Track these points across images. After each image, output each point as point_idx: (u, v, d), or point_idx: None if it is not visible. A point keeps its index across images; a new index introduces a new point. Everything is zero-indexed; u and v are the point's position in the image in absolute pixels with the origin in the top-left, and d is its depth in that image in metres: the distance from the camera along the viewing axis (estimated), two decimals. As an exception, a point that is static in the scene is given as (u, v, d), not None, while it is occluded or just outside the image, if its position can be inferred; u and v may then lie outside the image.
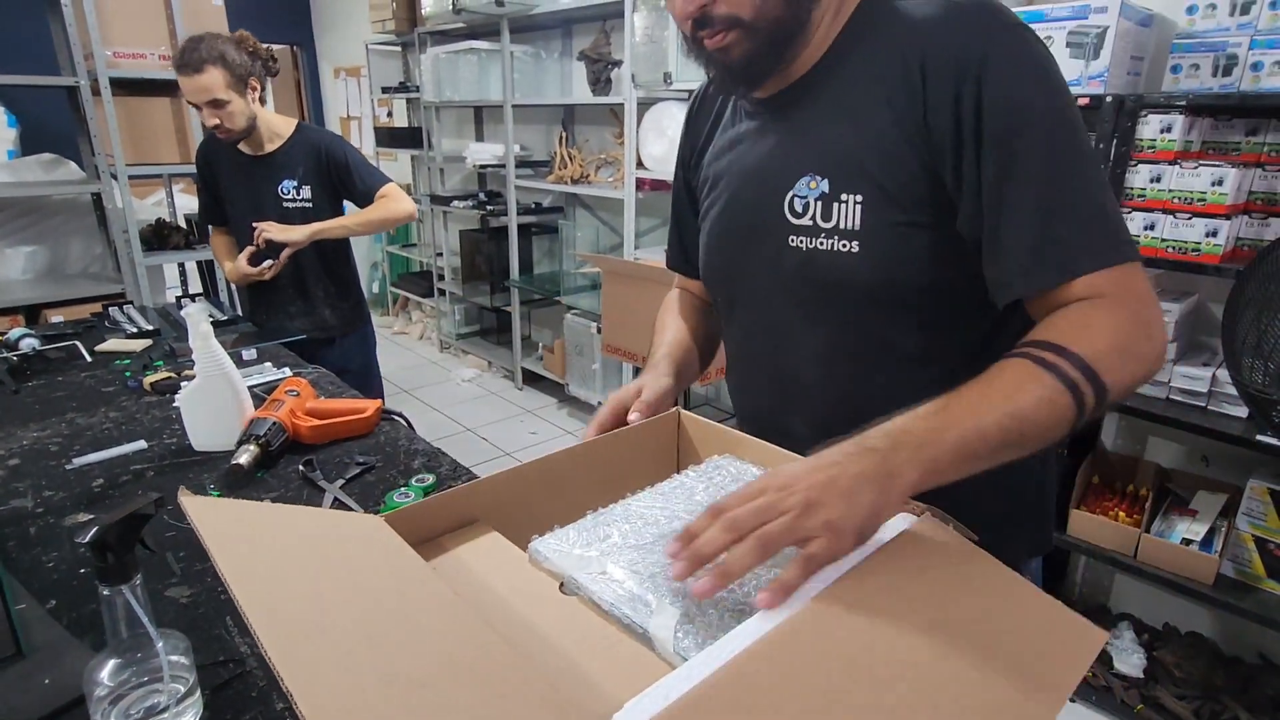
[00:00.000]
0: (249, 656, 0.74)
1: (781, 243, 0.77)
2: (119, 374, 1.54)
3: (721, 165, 0.86)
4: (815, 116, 0.75)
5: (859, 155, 0.71)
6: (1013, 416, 0.57)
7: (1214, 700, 1.74)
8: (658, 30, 2.78)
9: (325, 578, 0.45)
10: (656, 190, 3.14)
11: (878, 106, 0.70)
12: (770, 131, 0.79)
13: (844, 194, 0.71)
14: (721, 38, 0.70)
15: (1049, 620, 0.49)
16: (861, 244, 0.71)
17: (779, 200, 0.77)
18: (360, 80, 5.39)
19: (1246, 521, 1.66)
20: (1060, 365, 0.59)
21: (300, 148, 1.97)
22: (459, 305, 4.69)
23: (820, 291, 0.76)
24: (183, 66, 1.76)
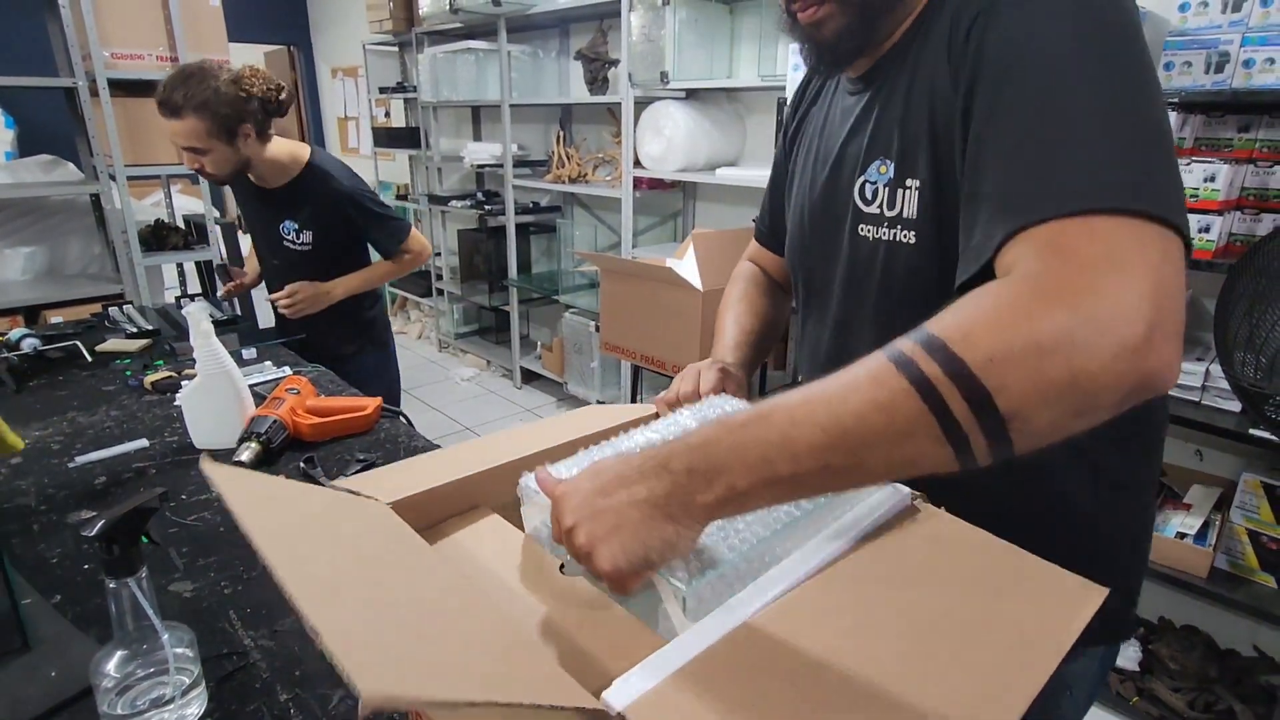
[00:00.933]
0: (252, 649, 0.75)
1: (852, 231, 0.74)
2: (119, 373, 1.55)
3: (813, 141, 0.83)
4: (889, 97, 0.70)
5: (920, 136, 0.66)
6: (828, 430, 0.42)
7: (1208, 692, 1.75)
8: (654, 29, 2.79)
9: (343, 545, 0.46)
10: (654, 189, 3.15)
11: (932, 82, 0.64)
12: (854, 111, 0.75)
13: (907, 179, 0.67)
14: (814, 11, 0.67)
15: (1048, 581, 0.51)
16: (917, 234, 0.67)
17: (851, 185, 0.73)
18: (358, 80, 5.40)
19: (1240, 515, 1.67)
20: (913, 356, 0.42)
21: (309, 192, 1.80)
22: (457, 304, 4.70)
23: (886, 286, 0.71)
24: (161, 105, 1.60)
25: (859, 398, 0.42)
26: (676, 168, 2.84)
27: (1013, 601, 0.49)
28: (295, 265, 1.85)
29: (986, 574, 0.51)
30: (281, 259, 1.86)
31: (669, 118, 2.80)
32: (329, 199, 1.80)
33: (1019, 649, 0.44)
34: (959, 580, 0.51)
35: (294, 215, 1.82)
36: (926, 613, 0.47)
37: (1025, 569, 0.52)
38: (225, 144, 1.66)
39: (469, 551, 0.59)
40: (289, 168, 1.79)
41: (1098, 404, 0.40)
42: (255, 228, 1.95)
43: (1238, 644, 1.87)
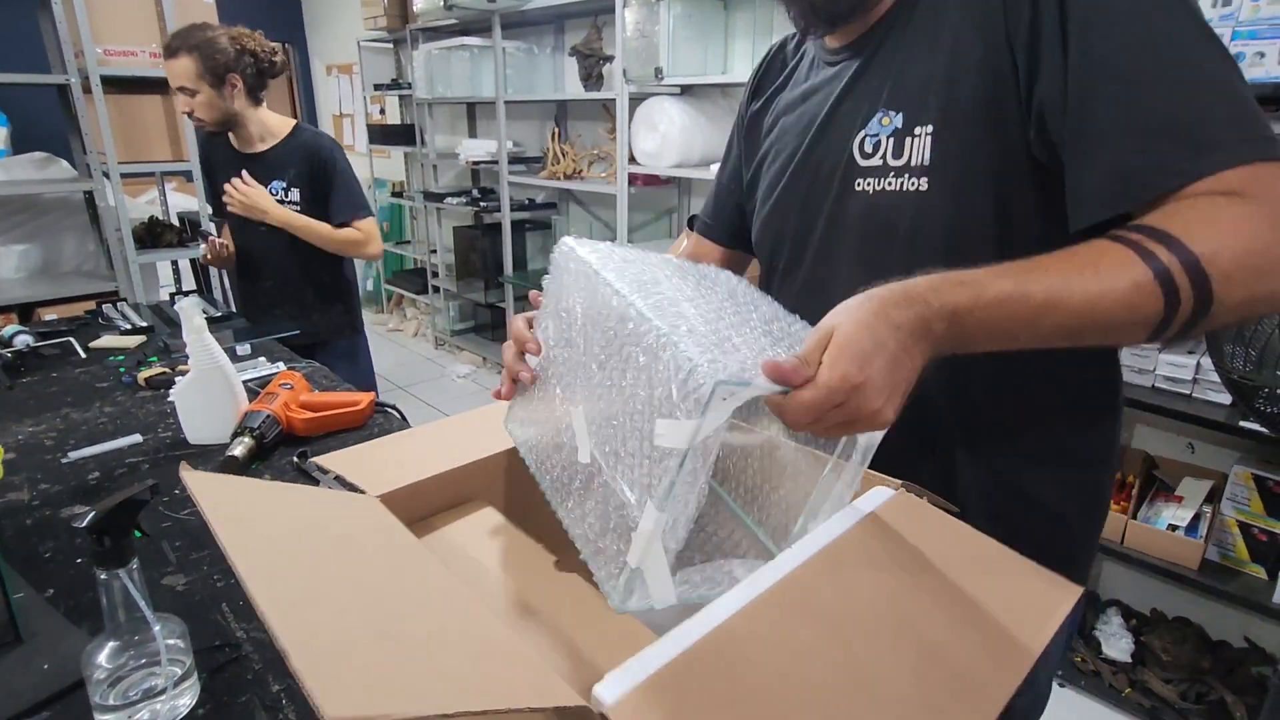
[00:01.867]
0: (245, 641, 0.75)
1: (846, 188, 0.73)
2: (113, 370, 1.55)
3: (789, 120, 0.83)
4: (893, 55, 0.70)
5: (932, 83, 0.66)
6: (1079, 316, 0.51)
7: (1200, 683, 1.76)
8: (649, 25, 2.79)
9: (321, 551, 0.46)
10: (649, 185, 3.15)
11: (963, 32, 0.65)
12: (844, 76, 0.76)
13: (917, 127, 0.67)
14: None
15: (1026, 578, 0.51)
16: (931, 179, 0.67)
17: (847, 142, 0.73)
18: (352, 77, 5.38)
19: (1231, 507, 1.68)
20: (1159, 254, 0.50)
21: (294, 150, 1.97)
22: (453, 302, 4.69)
23: (882, 236, 0.71)
24: (164, 49, 1.82)
25: (1114, 297, 0.51)
26: (671, 164, 2.84)
27: (991, 597, 0.49)
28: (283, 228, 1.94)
29: (966, 569, 0.52)
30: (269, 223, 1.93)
31: (664, 114, 2.80)
32: (315, 155, 1.95)
33: (996, 650, 0.44)
34: (939, 575, 0.51)
35: (282, 174, 1.95)
36: (907, 609, 0.47)
37: (1004, 564, 0.53)
38: (213, 89, 1.84)
39: (459, 547, 0.59)
40: (277, 130, 1.96)
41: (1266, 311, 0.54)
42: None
43: (1229, 635, 1.88)
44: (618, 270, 0.56)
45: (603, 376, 0.52)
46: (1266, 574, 1.65)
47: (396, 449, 0.68)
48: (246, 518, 0.47)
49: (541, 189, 3.89)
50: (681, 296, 0.55)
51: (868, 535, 0.54)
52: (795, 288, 0.83)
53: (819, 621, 0.45)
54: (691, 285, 0.60)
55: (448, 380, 4.20)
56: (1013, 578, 0.51)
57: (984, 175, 0.65)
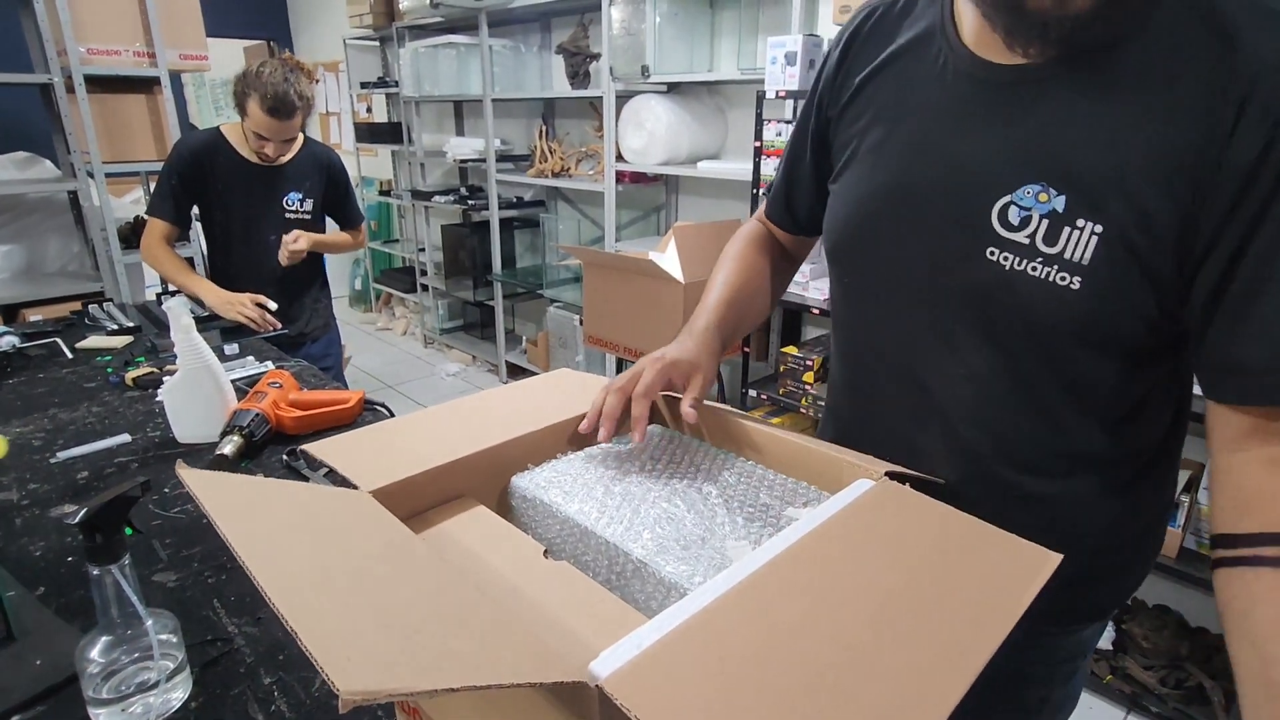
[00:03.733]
0: (237, 635, 0.76)
1: (975, 250, 0.64)
2: (100, 370, 1.55)
3: (902, 126, 0.70)
4: (1064, 110, 0.59)
5: (1116, 176, 0.57)
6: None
7: (1179, 669, 1.80)
8: (635, 23, 2.80)
9: (321, 542, 0.47)
10: (636, 183, 3.16)
11: (1160, 117, 0.55)
12: (995, 109, 0.63)
13: (1082, 219, 0.58)
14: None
15: (1005, 549, 0.53)
16: (1085, 282, 0.59)
17: (987, 202, 0.63)
18: (339, 75, 5.36)
19: (1207, 496, 1.71)
20: None
21: (309, 162, 2.03)
22: (442, 300, 4.69)
23: (1012, 319, 0.64)
24: (276, 111, 1.78)
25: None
26: (658, 161, 2.85)
27: (972, 569, 0.51)
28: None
29: (947, 545, 0.54)
30: (278, 233, 2.00)
31: (650, 111, 2.81)
32: (330, 167, 2.06)
33: (978, 614, 0.46)
34: (921, 551, 0.53)
35: (298, 186, 2.01)
36: (890, 582, 0.49)
37: (984, 538, 0.55)
38: (302, 129, 1.94)
39: (455, 540, 0.60)
40: (295, 144, 1.99)
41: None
42: (247, 209, 1.98)
43: (1207, 622, 1.92)
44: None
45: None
46: (1243, 561, 1.69)
47: (387, 439, 0.69)
48: (246, 512, 0.48)
49: (529, 187, 3.89)
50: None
51: (851, 520, 0.56)
52: (883, 323, 0.76)
53: (805, 598, 0.47)
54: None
55: (437, 379, 4.20)
56: (992, 549, 0.53)
57: (1139, 286, 0.59)
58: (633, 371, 0.74)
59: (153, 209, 1.99)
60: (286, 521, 0.49)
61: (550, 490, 0.65)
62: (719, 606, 0.45)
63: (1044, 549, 0.53)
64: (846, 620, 0.45)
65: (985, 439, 0.71)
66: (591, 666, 0.40)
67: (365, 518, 0.53)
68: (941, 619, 0.46)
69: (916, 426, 0.75)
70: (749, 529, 0.60)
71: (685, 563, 0.55)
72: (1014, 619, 0.46)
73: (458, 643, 0.39)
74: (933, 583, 0.49)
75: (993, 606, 0.47)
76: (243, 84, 1.80)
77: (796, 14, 2.39)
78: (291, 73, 1.80)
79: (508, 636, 0.41)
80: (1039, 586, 0.50)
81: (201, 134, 1.97)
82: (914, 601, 0.47)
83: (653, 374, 0.72)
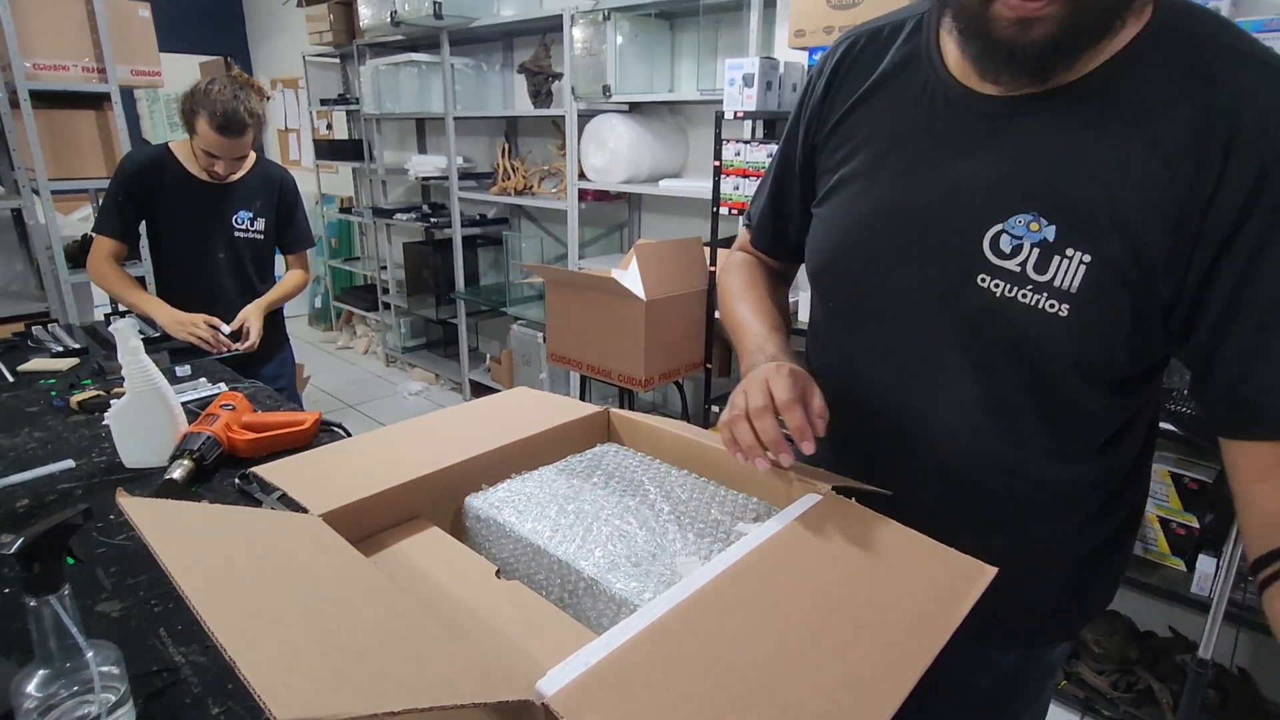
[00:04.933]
0: (184, 665, 0.74)
1: (964, 276, 0.65)
2: (44, 393, 1.50)
3: (892, 153, 0.71)
4: (1058, 143, 0.61)
5: (1105, 208, 0.58)
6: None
7: (1129, 673, 1.85)
8: (596, 44, 2.83)
9: (265, 568, 0.47)
10: (599, 201, 3.18)
11: (1147, 156, 0.57)
12: (986, 138, 0.64)
13: (1071, 248, 0.60)
14: (1040, 4, 0.54)
15: (943, 563, 0.55)
16: (1073, 310, 0.61)
17: (979, 230, 0.64)
18: (298, 92, 5.30)
19: (1151, 504, 1.78)
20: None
21: (261, 180, 1.99)
22: (404, 318, 4.64)
23: (1003, 345, 0.66)
24: (226, 129, 1.75)
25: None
26: (620, 179, 2.88)
27: (912, 581, 0.53)
28: (241, 255, 2.00)
29: (889, 558, 0.55)
30: (227, 250, 1.98)
31: (612, 130, 2.84)
32: (283, 187, 2.03)
33: (917, 625, 0.48)
34: (864, 564, 0.55)
35: (248, 205, 1.97)
36: (834, 596, 0.51)
37: (924, 552, 0.56)
38: (252, 146, 1.90)
39: (407, 561, 0.60)
40: (246, 162, 1.96)
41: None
42: (194, 227, 1.95)
43: (1155, 626, 1.98)
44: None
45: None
46: (1185, 566, 1.75)
47: (339, 461, 0.68)
48: (188, 540, 0.48)
49: (492, 204, 3.89)
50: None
51: (797, 534, 0.57)
52: (873, 351, 0.76)
53: (751, 612, 0.48)
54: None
55: (399, 398, 4.14)
56: (932, 563, 0.55)
57: (1123, 316, 0.61)
58: (759, 390, 0.67)
59: (99, 226, 1.94)
60: (231, 548, 0.48)
61: (504, 510, 0.66)
62: (666, 622, 0.46)
63: (980, 563, 0.55)
64: (790, 633, 0.46)
65: (970, 463, 0.72)
66: (539, 685, 0.40)
67: (313, 542, 0.53)
68: (881, 631, 0.47)
69: (901, 450, 0.75)
70: (699, 544, 0.61)
71: (636, 579, 0.55)
72: (950, 630, 0.48)
73: (402, 665, 0.39)
74: (874, 595, 0.50)
75: (930, 618, 0.48)
76: (191, 101, 1.77)
77: (753, 37, 2.44)
78: (242, 90, 1.77)
79: (454, 657, 0.41)
80: (974, 599, 0.51)
81: (149, 150, 1.94)
82: (855, 614, 0.48)
83: (785, 380, 0.67)
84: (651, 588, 0.55)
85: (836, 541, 0.57)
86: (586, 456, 0.77)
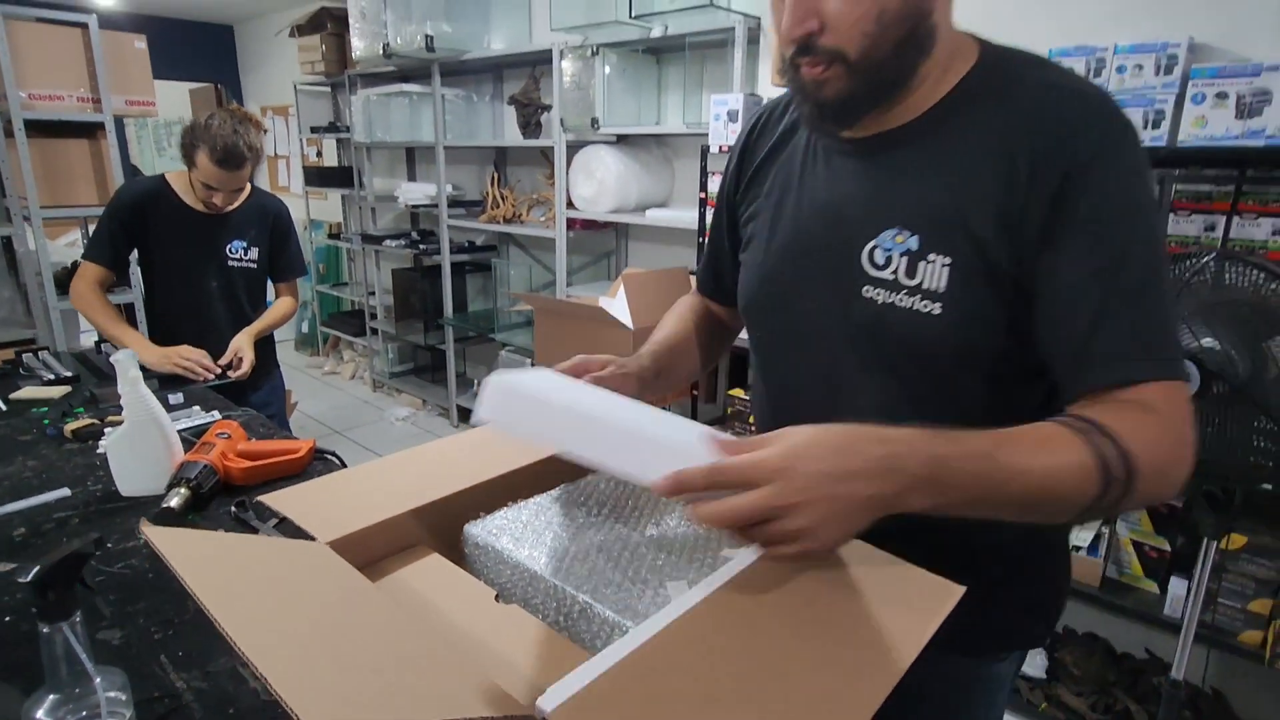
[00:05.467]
0: (185, 691, 0.76)
1: (853, 291, 0.75)
2: (37, 422, 1.51)
3: (788, 198, 0.82)
4: (910, 169, 0.72)
5: (956, 217, 0.69)
6: (1039, 489, 0.60)
7: (1108, 694, 1.89)
8: (585, 78, 2.91)
9: (282, 591, 0.50)
10: (587, 229, 3.24)
11: (982, 174, 0.68)
12: (855, 174, 0.76)
13: (933, 254, 0.70)
14: (821, 70, 0.68)
15: (916, 582, 0.58)
16: (945, 307, 0.70)
17: (856, 248, 0.74)
18: (288, 119, 5.36)
19: (1125, 527, 1.83)
20: (1101, 443, 0.60)
21: (255, 211, 2.04)
22: (392, 344, 4.66)
23: (894, 347, 0.74)
24: (225, 163, 1.80)
25: (1067, 480, 0.60)
26: (608, 209, 2.94)
27: (886, 599, 0.57)
28: (234, 284, 2.03)
29: (863, 578, 0.59)
30: (221, 279, 2.01)
31: (600, 161, 2.91)
32: (278, 218, 2.08)
33: (890, 639, 0.52)
34: (842, 585, 0.58)
35: (242, 234, 2.02)
36: (811, 614, 0.54)
37: (896, 573, 0.60)
38: (250, 179, 1.96)
39: (410, 587, 0.63)
40: (242, 193, 1.99)
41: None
42: (188, 256, 1.98)
43: (1132, 648, 2.02)
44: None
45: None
46: (1158, 588, 1.80)
47: (342, 490, 0.71)
48: (210, 566, 0.51)
49: (481, 232, 3.94)
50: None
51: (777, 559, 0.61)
52: (794, 372, 0.85)
53: (735, 631, 0.51)
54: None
55: (386, 424, 4.15)
56: (905, 583, 0.59)
57: (989, 308, 0.70)
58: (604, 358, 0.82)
59: (89, 253, 1.96)
60: (249, 574, 0.51)
61: (501, 537, 0.69)
62: (657, 642, 0.50)
63: (949, 582, 0.59)
64: (773, 649, 0.50)
65: None
66: (539, 702, 0.44)
67: (323, 568, 0.56)
68: (857, 646, 0.51)
69: None
70: (688, 568, 0.65)
71: (627, 602, 0.59)
72: (920, 644, 0.51)
73: (415, 680, 0.42)
74: (849, 613, 0.54)
75: (902, 634, 0.52)
76: (191, 135, 1.81)
77: (737, 73, 2.53)
78: (241, 124, 1.82)
79: (461, 675, 0.45)
80: (943, 616, 0.55)
81: (145, 181, 1.97)
82: (833, 631, 0.52)
83: (617, 368, 0.81)
84: (643, 610, 0.58)
85: (815, 564, 0.61)
86: (580, 485, 0.81)
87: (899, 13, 0.66)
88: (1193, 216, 1.76)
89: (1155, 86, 1.70)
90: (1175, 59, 1.68)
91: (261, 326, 2.05)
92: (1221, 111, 1.62)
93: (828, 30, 0.67)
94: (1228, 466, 1.34)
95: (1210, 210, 1.74)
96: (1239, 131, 1.61)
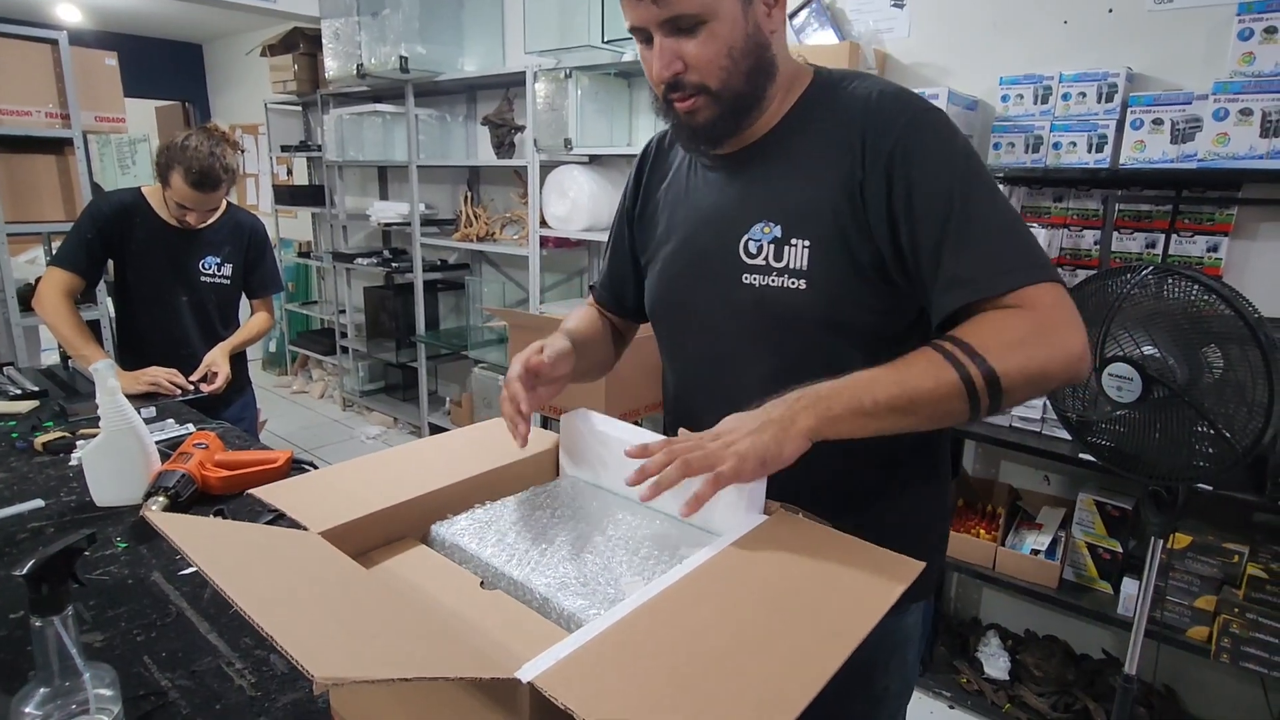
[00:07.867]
0: (170, 689, 0.78)
1: (735, 280, 0.87)
2: (5, 435, 1.50)
3: (677, 212, 0.96)
4: (769, 173, 0.87)
5: (808, 207, 0.82)
6: (900, 384, 0.71)
7: (1068, 694, 1.95)
8: (558, 99, 2.97)
9: (282, 569, 0.53)
10: (560, 247, 3.29)
11: (825, 168, 0.82)
12: (726, 184, 0.90)
13: (794, 239, 0.82)
14: (690, 102, 0.82)
15: (878, 560, 0.63)
16: (809, 282, 0.82)
17: (734, 243, 0.87)
18: (258, 138, 5.34)
19: (1080, 530, 1.91)
20: (949, 348, 0.72)
21: (230, 227, 2.04)
22: (362, 362, 4.63)
23: (772, 323, 0.86)
24: (200, 184, 1.79)
25: (916, 367, 0.72)
26: (581, 227, 2.99)
27: (851, 574, 0.61)
28: (205, 299, 2.03)
29: (827, 558, 0.64)
30: (191, 295, 2.00)
31: (573, 180, 2.96)
32: (253, 234, 2.08)
33: (849, 611, 0.56)
34: (810, 563, 0.63)
35: (216, 251, 2.02)
36: (779, 590, 0.58)
37: (861, 552, 0.65)
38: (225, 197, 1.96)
39: (399, 574, 0.66)
40: (218, 209, 2.00)
41: (1050, 390, 0.77)
42: (161, 271, 1.96)
43: (1090, 648, 2.10)
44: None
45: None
46: (1112, 589, 1.87)
47: (331, 485, 0.74)
48: (212, 544, 0.53)
49: (454, 250, 3.96)
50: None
51: (752, 541, 0.65)
52: (692, 356, 0.97)
53: (707, 606, 0.55)
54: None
55: (356, 442, 4.11)
56: (868, 560, 0.63)
57: (849, 279, 0.82)
58: (517, 360, 0.89)
59: (60, 259, 1.89)
60: (248, 555, 0.54)
61: (465, 536, 0.72)
62: (635, 617, 0.53)
63: (907, 558, 0.63)
64: (743, 620, 0.54)
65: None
66: (522, 669, 0.47)
67: (318, 554, 0.59)
68: (824, 614, 0.55)
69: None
70: (644, 566, 0.69)
71: (584, 597, 0.62)
72: (880, 612, 0.56)
73: (410, 645, 0.45)
74: (816, 587, 0.58)
75: (864, 602, 0.57)
76: (167, 155, 1.79)
77: (706, 97, 2.60)
78: (218, 145, 1.81)
79: (450, 644, 0.48)
80: (903, 587, 0.60)
81: (122, 193, 1.96)
82: (799, 602, 0.56)
83: (528, 351, 0.90)
84: (597, 604, 0.62)
85: (782, 546, 0.65)
86: (546, 488, 0.84)
87: (744, 48, 0.80)
88: (1135, 234, 1.86)
89: (1098, 113, 1.82)
90: (1115, 87, 1.79)
91: (237, 342, 2.05)
92: (1158, 136, 1.74)
93: (690, 69, 0.80)
94: (1170, 467, 1.42)
95: (1151, 228, 1.85)
96: (1174, 155, 1.72)
